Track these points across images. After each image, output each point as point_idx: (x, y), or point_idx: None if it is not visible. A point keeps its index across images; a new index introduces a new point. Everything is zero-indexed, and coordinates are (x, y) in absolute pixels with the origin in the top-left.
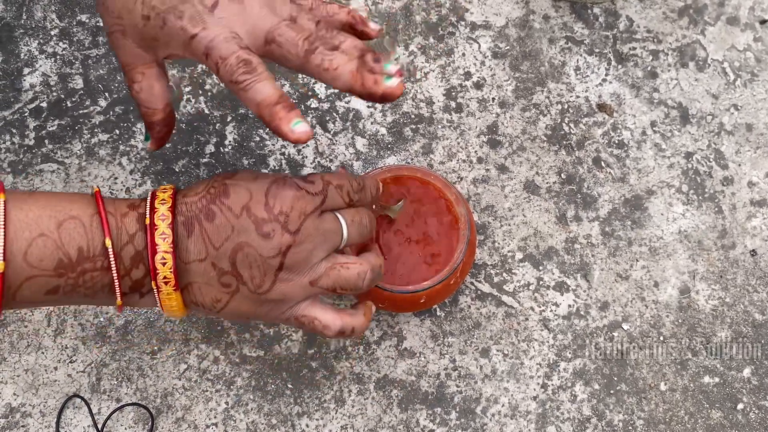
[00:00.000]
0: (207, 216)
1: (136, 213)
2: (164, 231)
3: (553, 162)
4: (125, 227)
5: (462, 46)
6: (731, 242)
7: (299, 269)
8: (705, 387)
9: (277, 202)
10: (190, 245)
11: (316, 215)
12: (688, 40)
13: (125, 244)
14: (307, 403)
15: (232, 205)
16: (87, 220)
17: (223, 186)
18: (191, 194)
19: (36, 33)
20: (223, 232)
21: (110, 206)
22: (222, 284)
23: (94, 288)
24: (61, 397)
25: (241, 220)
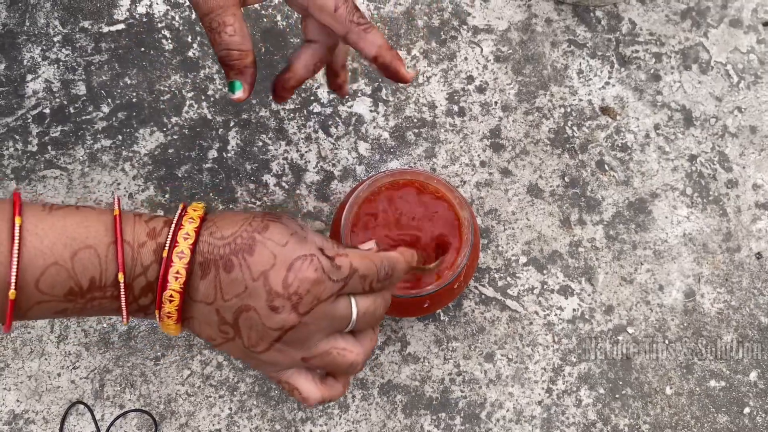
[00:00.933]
0: (225, 266)
1: (154, 243)
2: (179, 270)
3: (557, 165)
4: (140, 259)
5: (464, 50)
6: (736, 245)
7: (296, 346)
8: (711, 391)
9: (295, 281)
10: (202, 287)
11: (331, 301)
12: (690, 43)
13: (138, 275)
14: (311, 409)
15: (252, 266)
16: (103, 250)
17: (251, 240)
18: (218, 235)
19: (39, 39)
20: (236, 288)
21: (128, 233)
22: (220, 330)
23: (101, 310)
24: (64, 403)
25: (256, 284)
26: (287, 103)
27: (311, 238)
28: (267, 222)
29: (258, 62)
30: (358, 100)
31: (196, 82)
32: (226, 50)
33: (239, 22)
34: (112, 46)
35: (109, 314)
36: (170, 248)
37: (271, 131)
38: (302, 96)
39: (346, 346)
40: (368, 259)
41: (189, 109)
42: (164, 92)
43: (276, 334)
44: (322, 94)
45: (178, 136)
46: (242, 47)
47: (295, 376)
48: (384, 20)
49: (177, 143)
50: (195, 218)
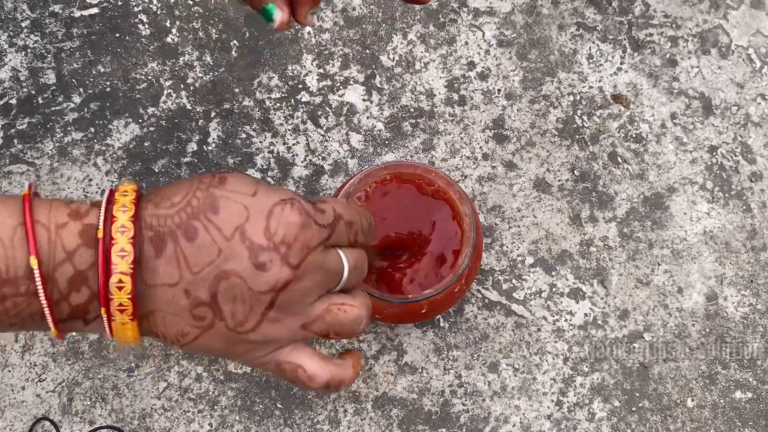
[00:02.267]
0: (186, 233)
1: (79, 224)
2: (124, 247)
3: (566, 158)
4: (61, 241)
5: (465, 34)
6: (762, 243)
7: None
8: (737, 403)
9: (280, 227)
10: (160, 266)
11: (320, 250)
12: (709, 25)
13: (60, 262)
14: (299, 425)
15: (221, 224)
16: (7, 234)
17: (211, 197)
18: (165, 203)
19: (5, 25)
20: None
21: (42, 215)
22: (194, 316)
23: (20, 316)
24: (28, 419)
25: (232, 243)
26: (273, 92)
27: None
28: (221, 176)
29: (242, 47)
30: (350, 88)
31: (175, 69)
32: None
33: None
34: (84, 32)
35: (37, 328)
36: (106, 222)
37: (256, 122)
38: (289, 84)
39: (345, 302)
40: (351, 208)
41: (167, 98)
42: (140, 81)
43: (267, 298)
44: (311, 83)
45: (155, 128)
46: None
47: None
48: (378, 2)
49: (153, 136)
50: (129, 191)
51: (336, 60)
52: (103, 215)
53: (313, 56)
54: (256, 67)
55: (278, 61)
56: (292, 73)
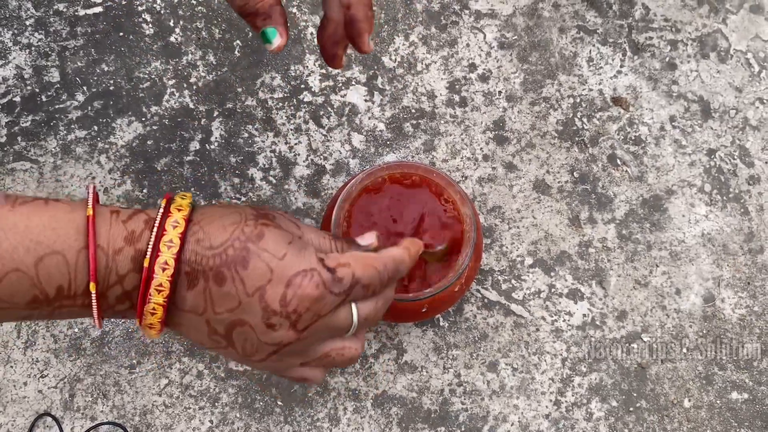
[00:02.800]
0: (216, 279)
1: (132, 250)
2: (162, 283)
3: (565, 160)
4: (116, 267)
5: (466, 36)
6: (759, 246)
7: (293, 356)
8: (733, 404)
9: (295, 298)
10: (189, 297)
11: (331, 314)
12: (708, 30)
13: (113, 284)
14: (299, 422)
15: (246, 280)
16: (72, 257)
17: (245, 251)
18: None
19: (10, 23)
20: (229, 302)
21: (103, 237)
22: (211, 338)
23: (70, 316)
24: (30, 415)
25: (251, 300)
26: (275, 91)
27: (309, 240)
28: (261, 228)
29: (245, 47)
30: (351, 88)
31: (178, 69)
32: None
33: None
34: (88, 31)
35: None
36: (152, 257)
37: (258, 122)
38: (292, 84)
39: (344, 345)
40: (371, 267)
41: (170, 97)
42: (144, 80)
43: (272, 348)
44: (314, 83)
45: (158, 127)
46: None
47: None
48: (381, 4)
49: (156, 134)
50: (180, 221)
51: None
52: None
53: (315, 56)
54: (258, 67)
55: (281, 62)
56: (294, 73)
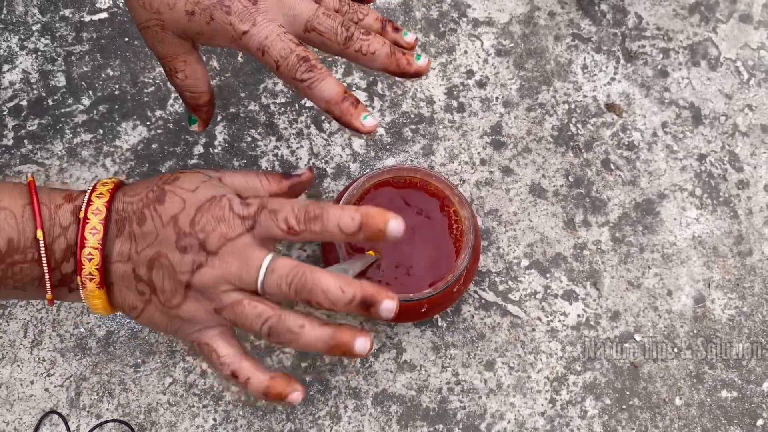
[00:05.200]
0: (138, 219)
1: (71, 205)
2: (95, 226)
3: (560, 164)
4: (59, 219)
5: (464, 44)
6: (748, 248)
7: (207, 293)
8: (722, 402)
9: (203, 218)
10: (118, 244)
11: (244, 243)
12: (699, 38)
13: (57, 236)
14: (300, 420)
15: (162, 213)
16: (18, 210)
17: (161, 191)
18: (131, 193)
19: (17, 28)
20: (148, 238)
21: (44, 197)
22: (138, 291)
23: (23, 280)
24: (37, 413)
25: (166, 229)
26: (278, 97)
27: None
28: (177, 174)
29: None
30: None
31: None
32: (180, 91)
33: (190, 66)
34: (93, 36)
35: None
36: (86, 207)
37: (261, 126)
38: (294, 90)
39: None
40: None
41: (174, 102)
42: (148, 84)
43: (185, 277)
44: None
45: (163, 131)
46: (194, 89)
47: (217, 338)
48: (380, 11)
49: (161, 138)
50: (109, 183)
51: (339, 66)
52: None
53: None
54: (261, 73)
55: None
56: None
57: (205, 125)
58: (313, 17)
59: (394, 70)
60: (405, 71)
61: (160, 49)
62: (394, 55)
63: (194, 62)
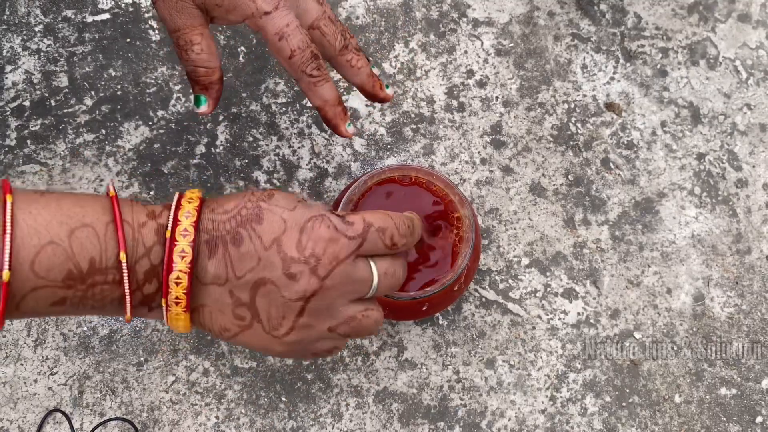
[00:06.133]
0: (234, 240)
1: (155, 223)
2: (184, 249)
3: (560, 163)
4: (142, 239)
5: (464, 44)
6: (747, 247)
7: (321, 315)
8: (722, 399)
9: (310, 242)
10: (210, 267)
11: (350, 261)
12: (698, 38)
13: (140, 257)
14: (302, 418)
15: (262, 234)
16: (101, 229)
17: (257, 209)
18: (220, 210)
19: (19, 29)
20: (249, 261)
21: (127, 214)
22: (235, 315)
23: (103, 301)
24: (41, 411)
25: (269, 253)
26: (279, 97)
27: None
28: (270, 191)
29: (249, 53)
30: (353, 93)
31: (184, 74)
32: (193, 66)
33: (207, 40)
34: (96, 37)
35: (112, 312)
36: (173, 227)
37: (262, 126)
38: (295, 90)
39: (366, 306)
40: (383, 214)
41: (176, 102)
42: (150, 85)
43: (298, 305)
44: None
45: (165, 131)
46: (208, 64)
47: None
48: (381, 11)
49: (163, 138)
50: (194, 198)
51: None
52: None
53: None
54: (262, 73)
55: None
56: None
57: (214, 105)
58: (321, 17)
59: (369, 89)
60: (376, 94)
61: (178, 20)
62: (372, 77)
63: (209, 35)
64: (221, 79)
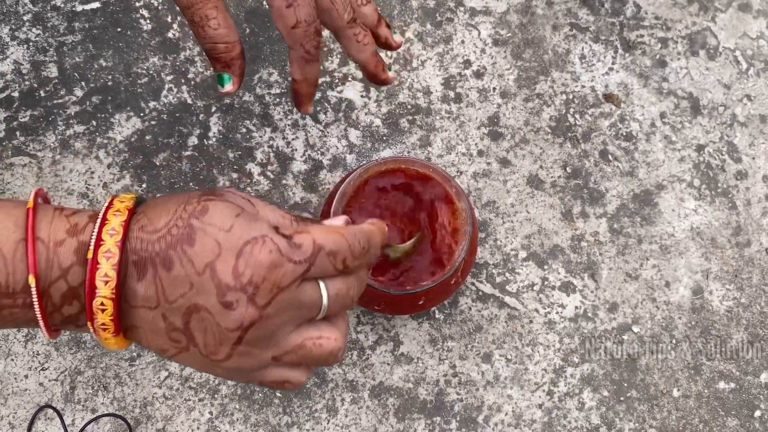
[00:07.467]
0: (164, 263)
1: (75, 241)
2: (107, 273)
3: (558, 155)
4: (58, 259)
5: (461, 33)
6: (746, 239)
7: (261, 345)
8: (720, 393)
9: (248, 268)
10: (140, 289)
11: (294, 287)
12: (698, 27)
13: (55, 279)
14: (297, 413)
15: (194, 258)
16: (9, 249)
17: (189, 228)
18: (149, 228)
19: (7, 18)
20: (180, 287)
21: (43, 230)
22: (171, 338)
23: (16, 322)
24: (31, 407)
25: (202, 278)
26: (272, 87)
27: (263, 214)
28: (204, 203)
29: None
30: (348, 84)
31: (176, 64)
32: (211, 44)
33: (222, 13)
34: (86, 26)
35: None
36: (95, 247)
37: (256, 117)
38: (289, 80)
39: (321, 334)
40: (336, 234)
41: (168, 93)
42: (142, 75)
43: (235, 335)
44: None
45: (157, 122)
46: (228, 39)
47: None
48: (377, 0)
49: (155, 129)
50: (122, 210)
51: (335, 56)
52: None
53: None
54: (256, 63)
55: (278, 57)
56: None
57: (239, 82)
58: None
59: (371, 69)
60: (377, 74)
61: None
62: (376, 57)
63: (224, 8)
64: (243, 54)
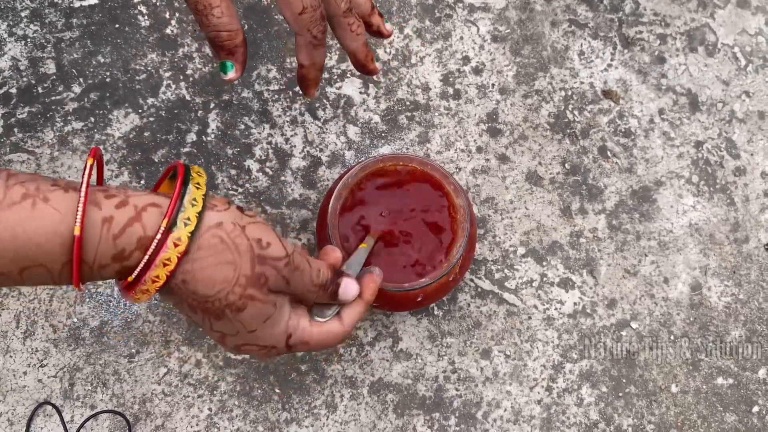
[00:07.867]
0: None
1: (118, 266)
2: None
3: (557, 151)
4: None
5: (460, 29)
6: (744, 236)
7: None
8: (718, 389)
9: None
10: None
11: None
12: (697, 24)
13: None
14: (296, 409)
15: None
16: (56, 269)
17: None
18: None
19: (5, 14)
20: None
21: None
22: None
23: None
24: (30, 404)
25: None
26: (271, 84)
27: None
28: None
29: None
30: (347, 81)
31: (174, 60)
32: (215, 32)
33: (226, 2)
34: (84, 22)
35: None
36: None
37: (254, 113)
38: (287, 76)
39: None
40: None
41: (166, 89)
42: (140, 71)
43: None
44: None
45: (155, 119)
46: (231, 27)
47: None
48: None
49: (153, 126)
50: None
51: (333, 53)
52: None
53: None
54: (254, 59)
55: (277, 54)
56: (290, 65)
57: (242, 70)
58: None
59: (361, 58)
60: (366, 64)
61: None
62: (367, 47)
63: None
64: (245, 42)
